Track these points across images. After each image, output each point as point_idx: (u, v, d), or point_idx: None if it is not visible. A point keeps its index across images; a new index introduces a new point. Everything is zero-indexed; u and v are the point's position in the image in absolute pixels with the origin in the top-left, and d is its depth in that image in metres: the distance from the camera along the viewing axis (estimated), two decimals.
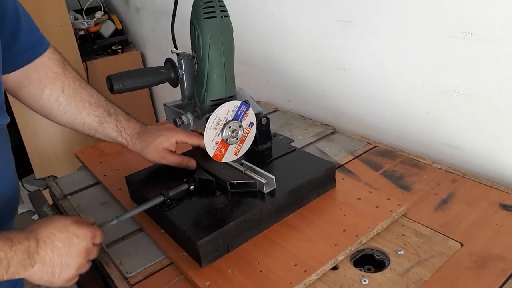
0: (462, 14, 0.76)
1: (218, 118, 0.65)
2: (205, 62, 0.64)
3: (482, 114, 0.80)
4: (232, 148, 0.69)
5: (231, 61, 0.66)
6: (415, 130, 0.93)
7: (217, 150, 0.68)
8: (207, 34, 0.62)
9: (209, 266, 0.63)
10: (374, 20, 0.91)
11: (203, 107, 0.67)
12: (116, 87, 0.65)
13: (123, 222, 0.66)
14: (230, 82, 0.67)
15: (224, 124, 0.66)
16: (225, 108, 0.65)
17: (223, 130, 0.66)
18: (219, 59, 0.64)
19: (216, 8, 0.62)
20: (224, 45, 0.64)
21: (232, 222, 0.64)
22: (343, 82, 1.04)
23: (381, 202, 0.72)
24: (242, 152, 0.71)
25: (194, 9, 0.63)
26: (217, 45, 0.63)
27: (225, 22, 0.63)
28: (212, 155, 0.68)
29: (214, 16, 0.62)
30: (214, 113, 0.64)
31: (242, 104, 0.67)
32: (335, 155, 0.92)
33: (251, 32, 1.27)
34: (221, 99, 0.67)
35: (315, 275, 0.60)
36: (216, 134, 0.66)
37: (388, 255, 0.63)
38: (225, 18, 0.63)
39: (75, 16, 1.91)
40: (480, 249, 0.62)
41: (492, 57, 0.74)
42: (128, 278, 0.64)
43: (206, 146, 0.66)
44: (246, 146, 0.71)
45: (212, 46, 0.63)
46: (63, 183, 0.93)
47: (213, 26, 0.62)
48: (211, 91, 0.66)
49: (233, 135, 0.67)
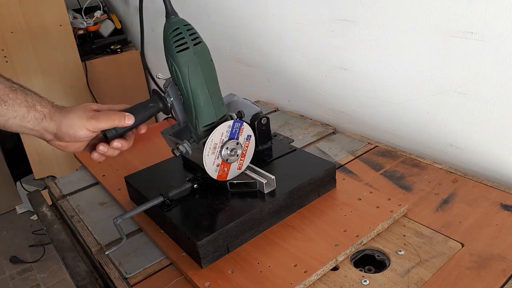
0: (463, 13, 0.75)
1: (214, 142, 0.65)
2: (189, 93, 0.63)
3: (483, 113, 0.80)
4: (235, 165, 0.69)
5: (214, 85, 0.65)
6: (416, 130, 0.93)
7: (220, 171, 0.68)
8: (183, 67, 0.61)
9: (209, 267, 0.62)
10: (374, 19, 0.91)
11: (197, 133, 0.66)
12: (109, 134, 0.63)
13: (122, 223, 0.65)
14: (218, 104, 0.66)
15: (221, 146, 0.66)
16: (218, 132, 0.65)
17: (221, 152, 0.66)
18: (201, 88, 0.63)
19: (186, 39, 0.60)
20: (203, 73, 0.62)
21: (232, 223, 0.64)
22: (344, 81, 1.04)
23: (382, 202, 0.72)
24: (245, 165, 0.71)
25: (165, 43, 0.61)
26: (197, 74, 0.62)
27: (199, 49, 0.62)
28: (216, 177, 0.68)
29: (187, 47, 0.60)
30: (209, 139, 0.64)
31: (235, 122, 0.66)
32: (335, 155, 0.91)
33: (251, 31, 1.27)
34: (213, 122, 0.66)
35: (315, 275, 0.59)
36: (215, 157, 0.66)
37: (389, 256, 0.62)
38: (198, 45, 0.61)
39: (74, 15, 1.91)
40: (481, 250, 0.62)
41: (493, 56, 0.74)
42: (128, 278, 0.64)
43: (208, 171, 0.66)
44: (248, 158, 0.71)
45: (191, 77, 0.62)
46: (62, 184, 0.93)
47: (188, 58, 0.61)
48: (201, 118, 0.65)
49: (232, 154, 0.67)
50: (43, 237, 2.02)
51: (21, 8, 1.64)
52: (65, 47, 1.77)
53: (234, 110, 0.71)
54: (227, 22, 1.33)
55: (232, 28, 1.33)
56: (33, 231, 2.09)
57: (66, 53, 1.78)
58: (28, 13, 1.65)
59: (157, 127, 1.14)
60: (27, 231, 2.11)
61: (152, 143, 1.04)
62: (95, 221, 0.78)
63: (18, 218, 2.22)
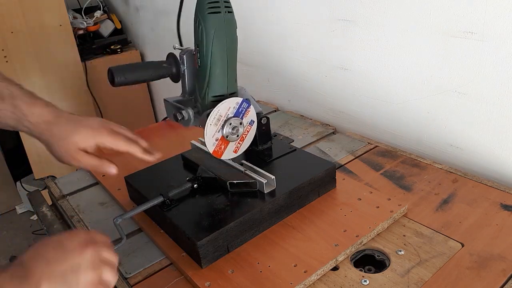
0: (463, 13, 0.75)
1: (219, 114, 0.65)
2: (208, 57, 0.63)
3: (483, 113, 0.80)
4: (232, 146, 0.69)
5: (234, 58, 0.66)
6: (416, 130, 0.93)
7: (217, 146, 0.67)
8: (211, 29, 0.62)
9: (209, 267, 0.62)
10: (374, 19, 0.91)
11: (204, 103, 0.66)
12: (118, 79, 0.64)
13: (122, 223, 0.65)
14: (232, 78, 0.67)
15: (224, 120, 0.66)
16: (226, 104, 0.65)
17: (223, 126, 0.66)
18: (222, 55, 0.64)
19: (220, 4, 0.62)
20: (227, 41, 0.63)
21: (232, 223, 0.64)
22: (344, 81, 1.04)
23: (382, 202, 0.72)
24: (241, 150, 0.70)
25: (199, 3, 0.62)
26: (221, 40, 0.63)
27: (229, 18, 0.63)
28: (211, 151, 0.67)
29: (219, 12, 0.62)
30: (215, 109, 0.64)
31: (244, 101, 0.67)
32: (335, 155, 0.91)
33: (250, 31, 1.26)
34: (222, 95, 0.66)
35: (315, 275, 0.59)
36: (217, 130, 0.66)
37: (389, 256, 0.62)
38: (229, 14, 0.63)
39: (74, 15, 1.91)
40: (481, 250, 0.62)
41: (493, 56, 0.74)
42: (128, 278, 0.64)
43: (206, 142, 0.66)
44: (246, 144, 0.71)
45: (215, 41, 0.63)
46: (62, 183, 0.93)
47: (217, 22, 0.62)
48: (213, 86, 0.65)
49: (233, 132, 0.67)
50: (43, 237, 2.01)
51: (21, 8, 1.63)
52: (65, 47, 1.77)
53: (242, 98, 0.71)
54: None
55: None
56: (33, 231, 2.08)
57: (66, 53, 1.78)
58: (28, 13, 1.65)
59: (157, 127, 1.14)
60: (27, 231, 2.11)
61: (152, 143, 1.03)
62: (95, 221, 0.78)
63: (18, 218, 2.22)
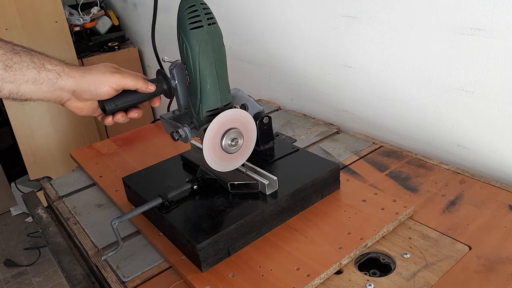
0: (470, 9, 0.75)
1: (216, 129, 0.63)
2: (197, 74, 0.62)
3: (490, 112, 0.79)
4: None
5: (223, 69, 0.64)
6: (422, 129, 0.92)
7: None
8: (195, 45, 0.60)
9: (209, 270, 0.62)
10: (379, 16, 0.90)
11: (199, 118, 0.65)
12: (108, 107, 0.63)
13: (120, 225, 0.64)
14: (224, 90, 0.65)
15: (222, 134, 0.64)
16: (222, 117, 0.63)
17: (222, 138, 0.65)
18: (210, 70, 0.62)
19: (202, 17, 0.60)
20: (214, 54, 0.62)
21: (233, 225, 0.63)
22: (348, 79, 1.03)
23: (387, 204, 0.71)
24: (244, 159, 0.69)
25: (179, 19, 0.60)
26: (207, 55, 0.61)
27: (213, 30, 0.61)
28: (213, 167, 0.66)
29: (201, 25, 0.60)
30: (211, 125, 0.63)
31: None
32: (339, 156, 0.91)
33: (252, 28, 1.26)
34: (217, 108, 0.65)
35: (319, 279, 0.59)
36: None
37: (394, 259, 0.62)
38: (212, 26, 0.61)
39: (71, 11, 1.89)
40: (489, 252, 0.61)
41: (501, 54, 0.73)
42: (125, 282, 0.63)
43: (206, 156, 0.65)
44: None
45: (201, 57, 0.61)
46: (58, 185, 0.92)
47: (201, 36, 0.60)
48: (205, 102, 0.64)
49: (232, 144, 0.66)
50: (39, 240, 2.00)
51: (16, 4, 1.62)
52: (61, 44, 1.76)
53: (238, 103, 0.71)
54: (228, 19, 1.32)
55: (233, 25, 1.32)
56: (28, 234, 2.07)
57: (62, 50, 1.76)
58: (23, 9, 1.63)
59: (155, 126, 1.14)
60: (22, 233, 2.10)
61: (150, 143, 1.03)
62: (92, 223, 0.77)
63: (13, 220, 2.21)
